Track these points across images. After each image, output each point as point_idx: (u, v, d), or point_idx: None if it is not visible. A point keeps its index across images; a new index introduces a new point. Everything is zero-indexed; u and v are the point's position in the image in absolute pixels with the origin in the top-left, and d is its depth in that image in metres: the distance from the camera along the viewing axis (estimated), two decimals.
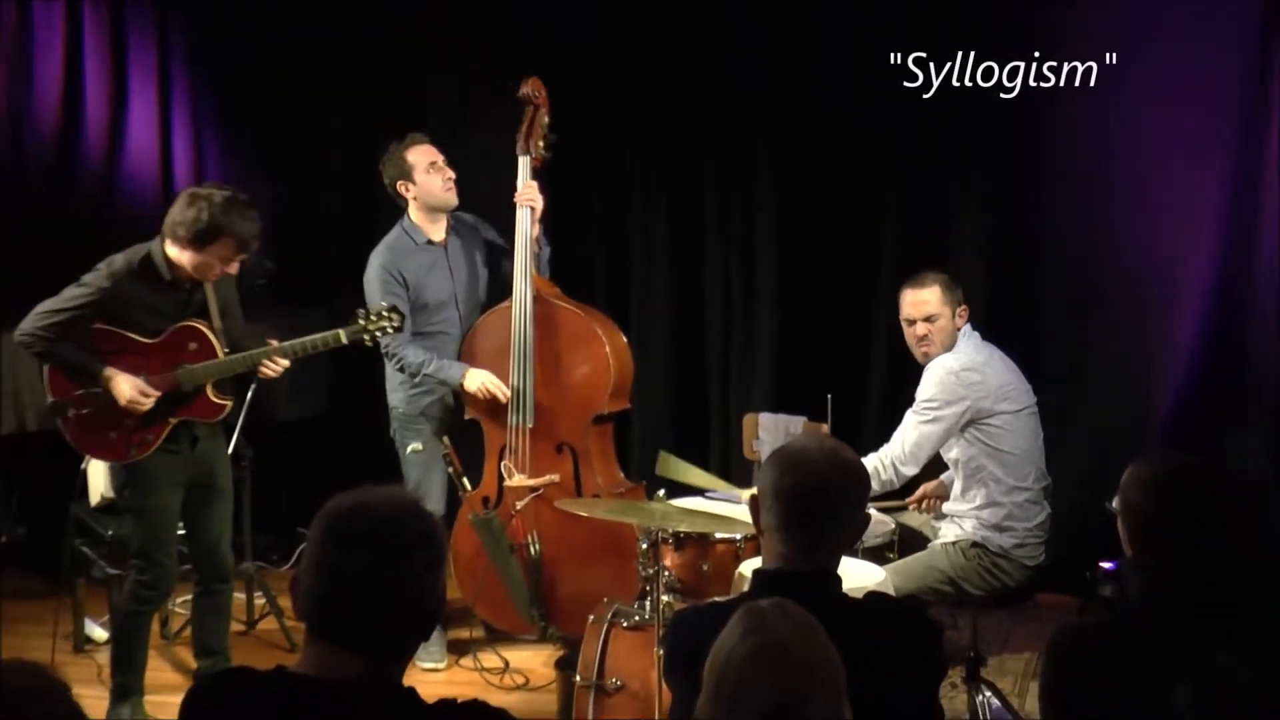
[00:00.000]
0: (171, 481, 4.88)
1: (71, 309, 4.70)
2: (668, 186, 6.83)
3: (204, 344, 4.80)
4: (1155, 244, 6.09)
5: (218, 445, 5.05)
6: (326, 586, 2.23)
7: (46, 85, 7.38)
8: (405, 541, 2.25)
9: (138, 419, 4.76)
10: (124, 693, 4.95)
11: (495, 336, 5.58)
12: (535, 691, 5.39)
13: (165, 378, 4.77)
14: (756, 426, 5.71)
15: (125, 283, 4.72)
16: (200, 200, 4.68)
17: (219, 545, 5.03)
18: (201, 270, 4.74)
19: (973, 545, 4.87)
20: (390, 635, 2.24)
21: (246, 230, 4.70)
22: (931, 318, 4.94)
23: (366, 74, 7.23)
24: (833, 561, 2.85)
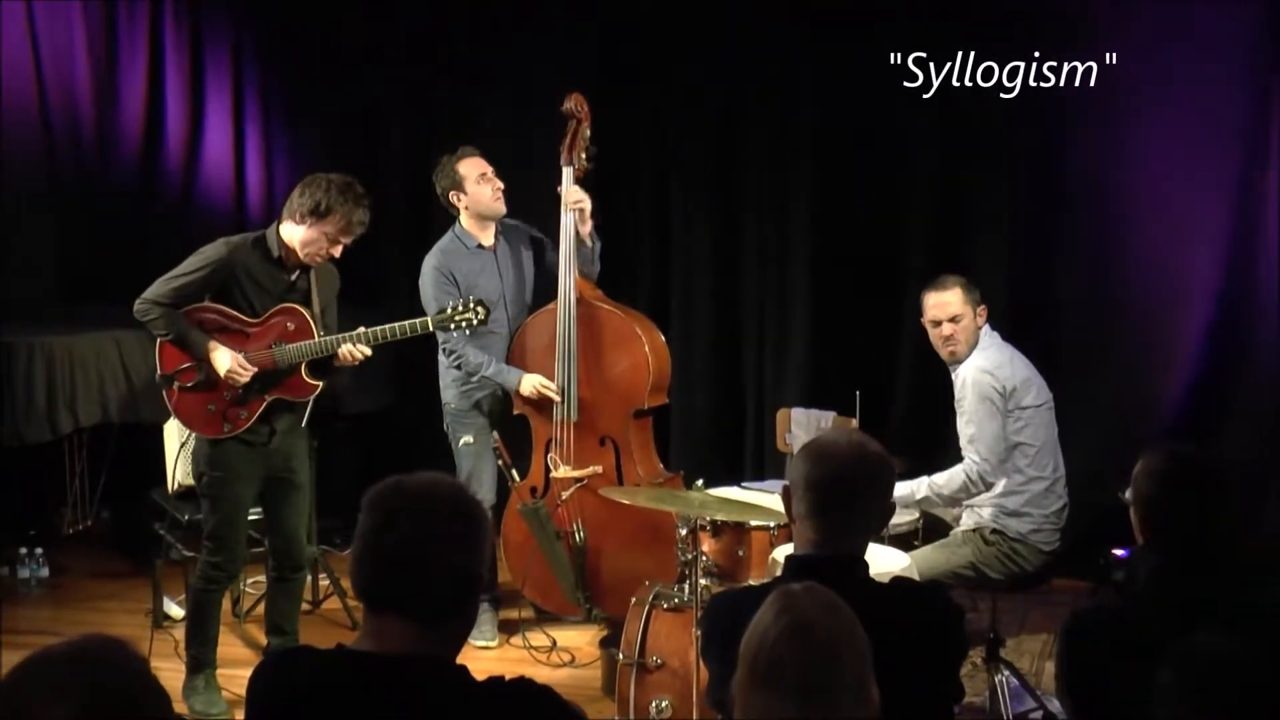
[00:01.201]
0: (248, 473, 4.89)
1: (190, 274, 4.75)
2: (705, 193, 6.81)
3: (301, 325, 4.82)
4: (1162, 246, 6.03)
5: (297, 441, 5.04)
6: (371, 556, 2.26)
7: (131, 103, 7.46)
8: (438, 510, 2.27)
9: (235, 395, 4.79)
10: (198, 665, 4.98)
11: (542, 336, 5.59)
12: (580, 668, 5.38)
13: (263, 355, 4.79)
14: (789, 421, 5.70)
15: (239, 253, 4.77)
16: (320, 180, 4.75)
17: (296, 536, 5.05)
18: (309, 247, 4.75)
19: (992, 531, 4.83)
20: (436, 601, 2.24)
21: (356, 214, 4.73)
22: (956, 318, 4.90)
23: (424, 91, 7.25)
24: (860, 547, 2.84)
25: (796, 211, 6.61)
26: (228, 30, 7.49)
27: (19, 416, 5.98)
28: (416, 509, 2.26)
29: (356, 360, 4.85)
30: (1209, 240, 5.95)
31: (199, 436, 4.92)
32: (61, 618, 6.03)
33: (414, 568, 2.23)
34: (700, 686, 4.03)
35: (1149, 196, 6.03)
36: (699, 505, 4.28)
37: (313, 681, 2.28)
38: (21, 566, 6.47)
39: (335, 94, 7.43)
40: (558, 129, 5.59)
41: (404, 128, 7.34)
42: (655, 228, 6.94)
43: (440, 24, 7.15)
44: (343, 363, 4.85)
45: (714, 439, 6.86)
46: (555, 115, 5.60)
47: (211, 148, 7.53)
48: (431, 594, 2.24)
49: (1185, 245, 5.99)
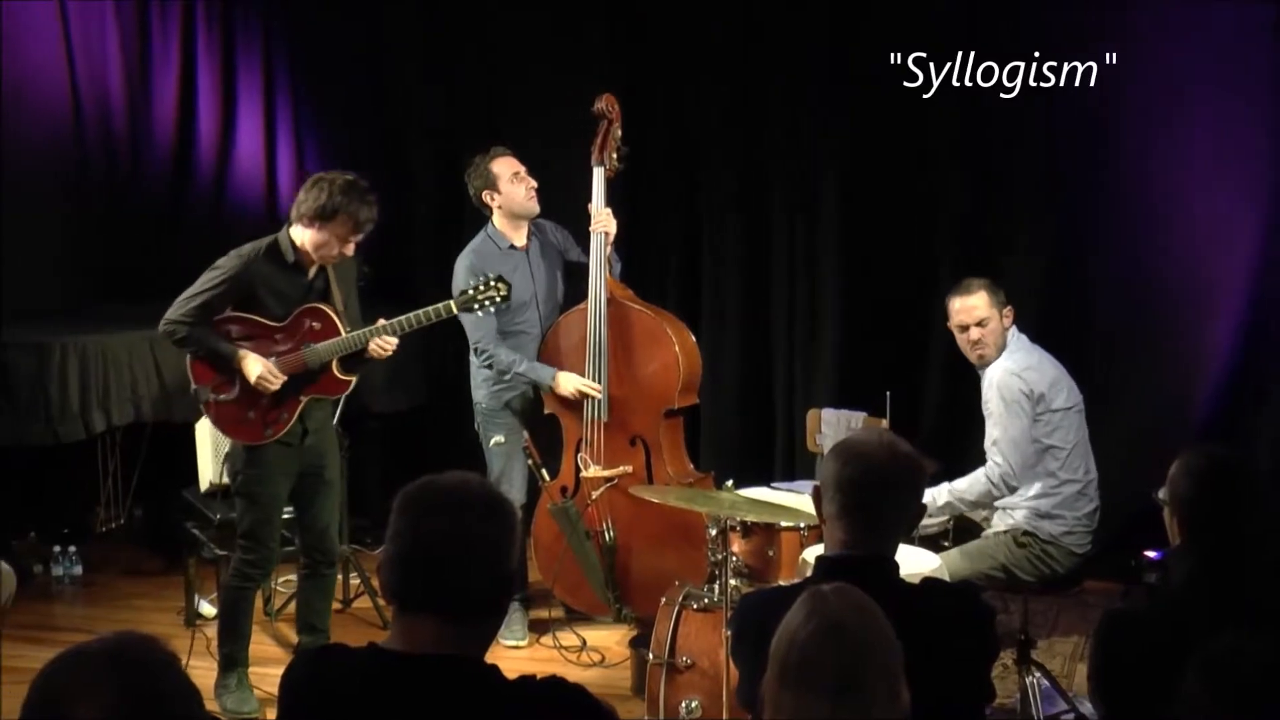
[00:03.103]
0: (284, 471, 4.91)
1: (208, 290, 4.76)
2: (735, 194, 6.79)
3: (327, 323, 4.83)
4: (1193, 247, 6.00)
5: (329, 438, 5.07)
6: (402, 554, 2.26)
7: (163, 103, 7.50)
8: (468, 507, 2.27)
9: (271, 399, 4.80)
10: (231, 663, 4.99)
11: (573, 336, 5.59)
12: (610, 668, 5.38)
13: (294, 357, 4.80)
14: (819, 421, 5.69)
15: (254, 265, 4.77)
16: (323, 182, 4.74)
17: (328, 532, 5.06)
18: (321, 249, 4.76)
19: (1024, 534, 4.81)
20: (464, 599, 2.24)
21: (363, 213, 4.73)
22: (983, 322, 4.89)
23: (454, 92, 7.26)
24: (890, 548, 2.83)
25: (826, 210, 6.59)
26: (259, 31, 7.52)
27: (53, 415, 6.01)
28: (448, 508, 2.27)
29: (386, 353, 4.86)
30: (1239, 241, 5.91)
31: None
32: (94, 615, 6.07)
33: (446, 567, 2.23)
34: (730, 687, 4.02)
35: (1180, 198, 6.00)
36: (729, 505, 4.27)
37: (345, 680, 2.28)
38: (55, 564, 6.52)
39: (366, 95, 7.45)
40: (588, 129, 5.59)
41: (434, 128, 7.35)
42: (685, 227, 6.93)
43: (470, 25, 7.16)
44: (373, 356, 4.86)
45: (744, 439, 6.85)
46: (586, 116, 5.60)
47: (243, 148, 7.56)
48: (463, 593, 2.24)
49: (1216, 246, 5.95)
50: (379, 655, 2.28)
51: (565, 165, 5.89)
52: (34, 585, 6.29)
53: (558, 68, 6.91)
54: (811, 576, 2.83)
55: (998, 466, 4.77)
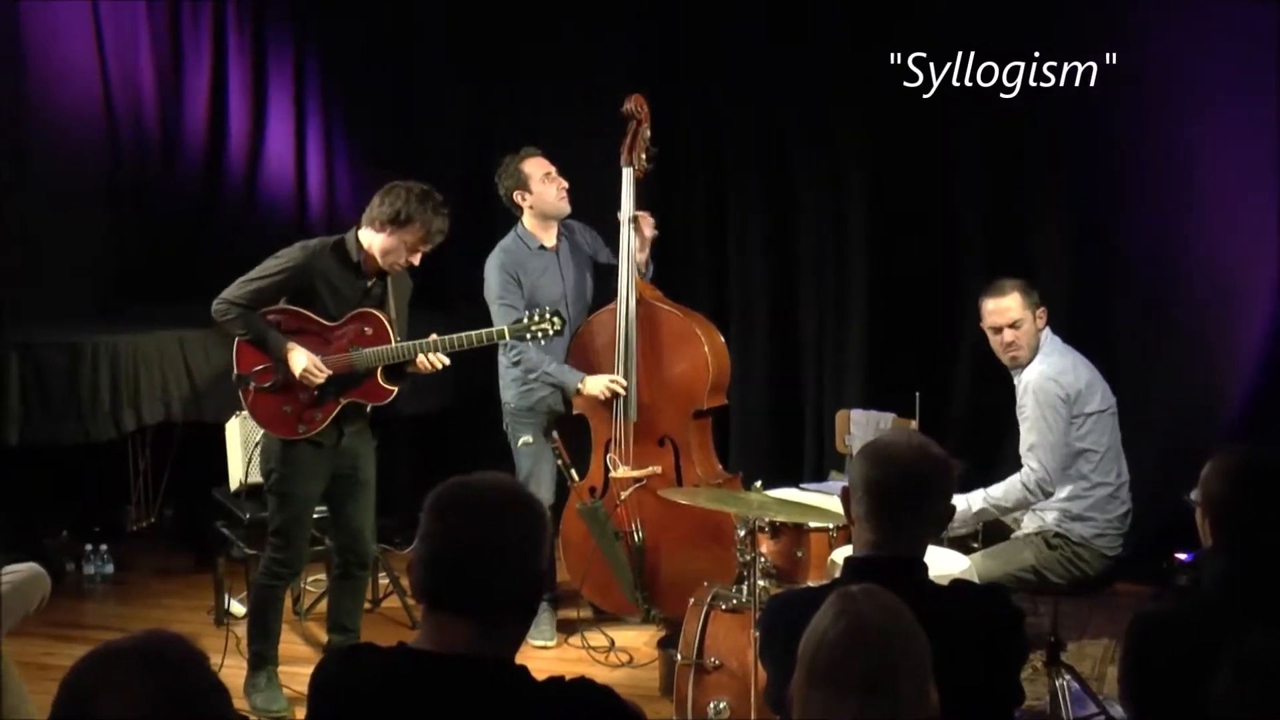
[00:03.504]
0: (317, 472, 4.92)
1: (269, 276, 4.78)
2: (763, 195, 6.79)
3: (379, 330, 4.83)
4: (1222, 247, 5.96)
5: (364, 440, 5.06)
6: (433, 554, 2.26)
7: (194, 104, 7.54)
8: (501, 507, 2.28)
9: (310, 397, 4.81)
10: (260, 662, 5.01)
11: (602, 337, 5.60)
12: (639, 669, 5.38)
13: (340, 358, 4.81)
14: (848, 422, 5.68)
15: (318, 258, 4.79)
16: (400, 189, 4.76)
17: (362, 533, 5.07)
18: (388, 255, 4.78)
19: (1055, 535, 4.79)
20: (495, 599, 2.25)
21: (435, 223, 4.75)
22: (1016, 323, 4.85)
23: (484, 92, 7.28)
24: (919, 549, 2.82)
25: (855, 210, 6.58)
26: (290, 33, 7.55)
27: (84, 415, 6.05)
28: (479, 509, 2.27)
29: (436, 369, 4.86)
30: (1269, 240, 5.87)
31: (270, 435, 4.95)
32: (125, 614, 6.10)
33: (476, 567, 2.24)
34: (758, 688, 4.02)
35: (1209, 198, 5.97)
36: (758, 506, 4.27)
37: (374, 679, 2.29)
38: (87, 563, 6.56)
39: (396, 96, 7.47)
40: (617, 130, 5.59)
41: (464, 129, 7.37)
42: (713, 227, 6.93)
43: (499, 26, 7.17)
44: (419, 370, 4.86)
45: (773, 440, 6.85)
46: (615, 116, 5.60)
47: (273, 149, 7.60)
48: (493, 593, 2.24)
49: (1245, 246, 5.91)
50: (408, 655, 2.28)
51: (594, 166, 5.89)
52: (66, 584, 6.32)
53: (587, 68, 6.91)
54: (840, 577, 2.83)
55: (1034, 472, 4.74)
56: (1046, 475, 4.73)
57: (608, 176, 5.63)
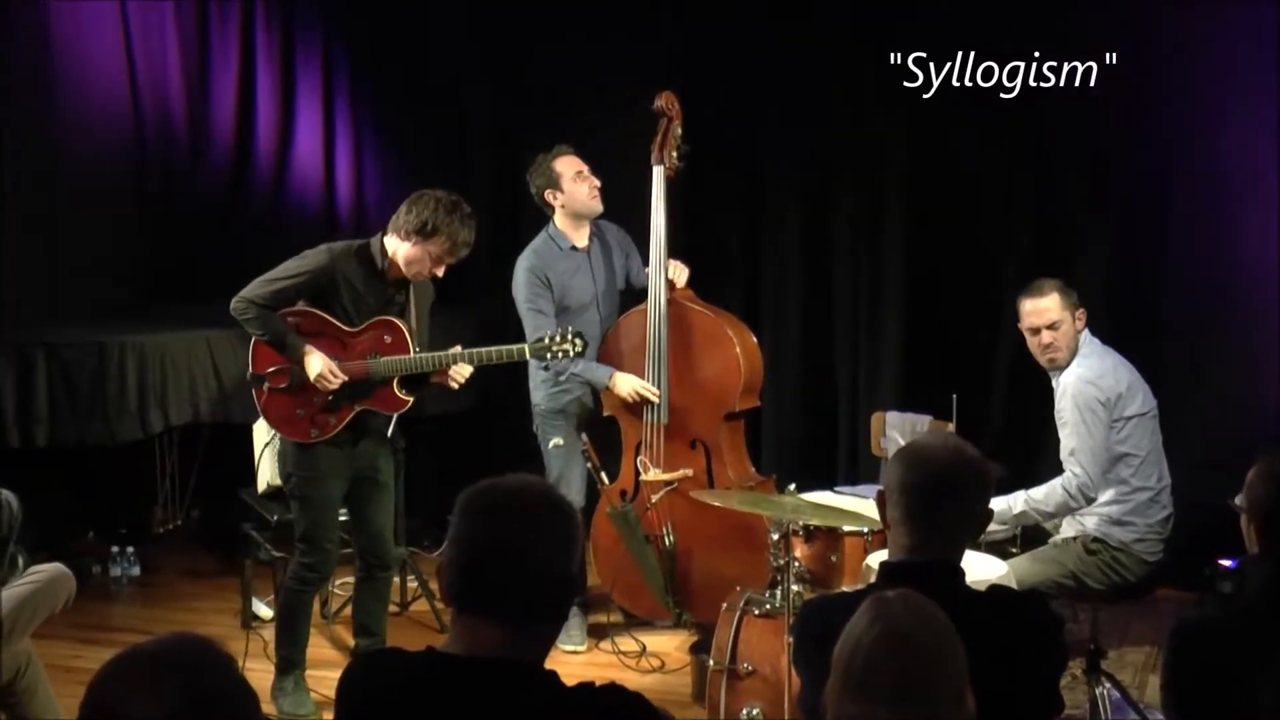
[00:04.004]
0: (336, 474, 4.92)
1: (290, 277, 4.78)
2: (797, 193, 6.78)
3: (398, 339, 4.83)
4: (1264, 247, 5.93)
5: (381, 442, 5.07)
6: (464, 557, 2.26)
7: (222, 105, 7.59)
8: (532, 510, 2.27)
9: (324, 401, 4.81)
10: (288, 666, 5.03)
11: (632, 338, 5.59)
12: (670, 674, 5.38)
13: (357, 365, 4.81)
14: (884, 424, 5.67)
15: (342, 262, 4.79)
16: (428, 198, 4.75)
17: (383, 535, 5.08)
18: (413, 265, 4.77)
19: (1094, 540, 4.76)
20: (526, 602, 2.24)
21: (462, 235, 4.74)
22: (1054, 324, 4.83)
23: (515, 90, 7.28)
24: (956, 554, 2.81)
25: (890, 208, 6.58)
26: (318, 33, 7.59)
27: (110, 415, 6.08)
28: (511, 511, 2.27)
29: (459, 382, 4.87)
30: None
31: (285, 438, 4.97)
32: (152, 616, 6.13)
33: (507, 569, 2.23)
34: (792, 694, 4.01)
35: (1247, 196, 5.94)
36: (791, 510, 4.26)
37: (402, 683, 2.29)
38: (113, 565, 6.60)
39: (424, 95, 7.49)
40: (648, 127, 5.58)
41: (493, 128, 7.38)
42: (746, 226, 6.93)
43: (529, 22, 7.18)
44: (443, 382, 4.86)
45: (807, 442, 6.84)
46: (646, 113, 5.59)
47: (301, 148, 7.63)
48: (524, 596, 2.24)
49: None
50: (436, 659, 2.28)
51: (625, 164, 5.89)
52: (92, 586, 6.36)
53: (618, 65, 6.92)
54: (875, 582, 2.82)
55: (1075, 477, 4.71)
56: (1089, 481, 4.70)
57: (638, 175, 5.62)
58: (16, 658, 4.28)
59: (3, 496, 5.06)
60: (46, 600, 4.34)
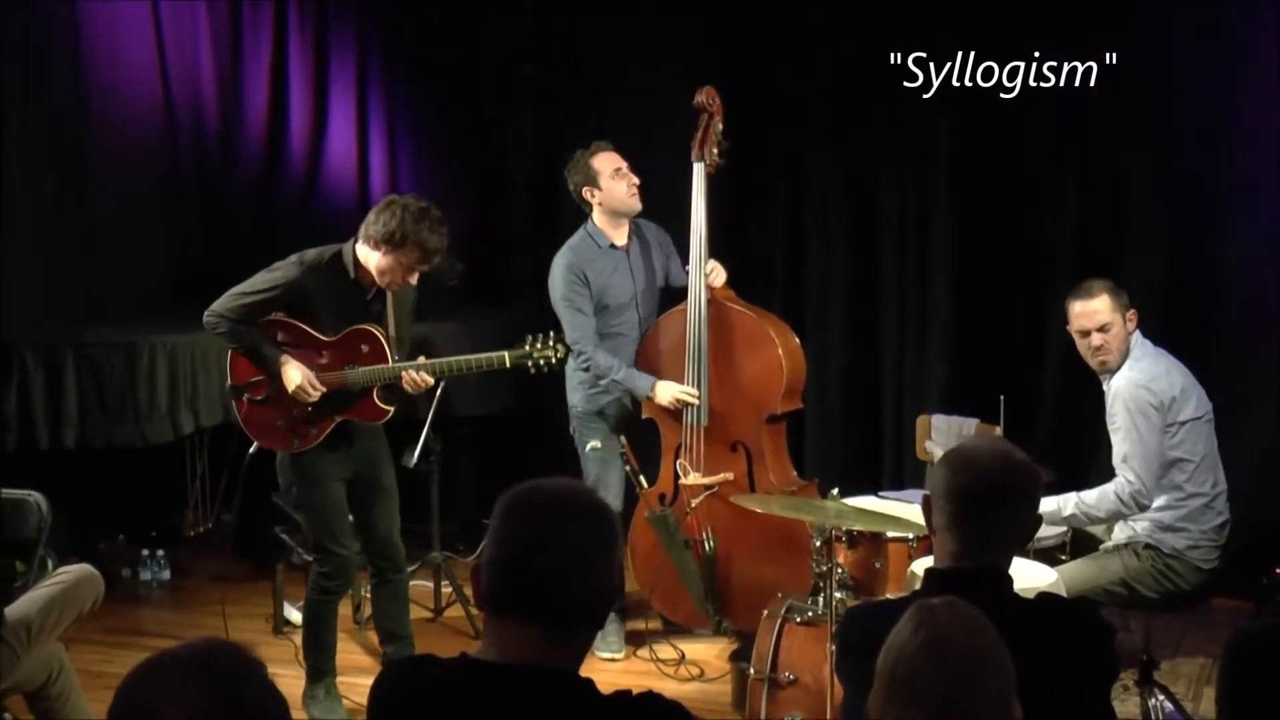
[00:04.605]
0: (334, 476, 4.93)
1: (260, 292, 4.79)
2: (842, 190, 6.76)
3: (376, 348, 4.83)
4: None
5: (379, 443, 5.07)
6: (502, 557, 2.26)
7: (255, 97, 7.63)
8: (574, 513, 2.28)
9: (304, 412, 4.82)
10: (317, 674, 5.05)
11: (671, 339, 5.58)
12: (709, 683, 5.38)
13: (336, 375, 4.81)
14: (929, 428, 5.65)
15: (313, 274, 4.79)
16: (396, 206, 4.73)
17: (390, 537, 5.08)
18: (386, 274, 4.77)
19: (1146, 547, 4.72)
20: (563, 607, 2.24)
21: (432, 242, 4.71)
22: (1105, 327, 4.78)
23: (553, 86, 7.30)
24: (1004, 561, 2.80)
25: (937, 206, 6.55)
26: (352, 27, 7.62)
27: (141, 416, 6.13)
28: (551, 514, 2.27)
29: (420, 388, 4.84)
30: None
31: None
32: (182, 621, 6.17)
33: (545, 574, 2.24)
34: (834, 703, 4.00)
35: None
36: (834, 515, 4.25)
37: (435, 691, 2.30)
38: (143, 568, 6.65)
39: (461, 89, 7.50)
40: (688, 124, 5.58)
41: (530, 123, 7.39)
42: (789, 224, 6.91)
43: (568, 17, 7.19)
44: (405, 388, 4.84)
45: (850, 446, 6.82)
46: (686, 109, 5.59)
47: (335, 145, 7.67)
48: (560, 600, 2.24)
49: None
50: (470, 666, 2.29)
51: (664, 161, 5.89)
52: (121, 590, 6.42)
53: (658, 60, 6.91)
54: (920, 589, 2.81)
55: (1129, 484, 4.67)
56: (1143, 488, 4.66)
57: (678, 172, 5.62)
58: (49, 663, 4.32)
59: (32, 499, 5.12)
60: (74, 601, 4.37)
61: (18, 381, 6.08)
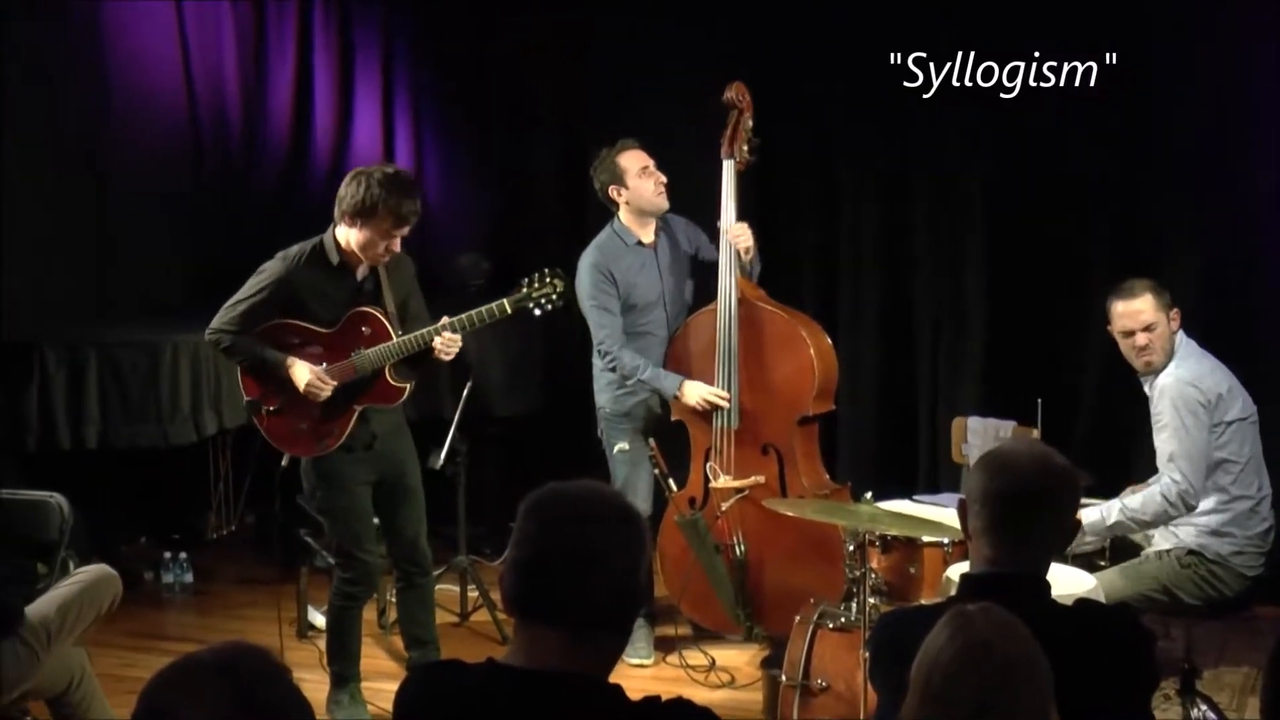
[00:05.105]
0: (358, 480, 4.94)
1: (250, 297, 4.81)
2: (874, 188, 6.75)
3: (377, 328, 4.83)
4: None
5: (404, 443, 5.08)
6: (527, 563, 2.27)
7: (279, 94, 7.67)
8: (595, 515, 2.28)
9: (323, 410, 4.82)
10: (341, 680, 5.06)
11: (701, 339, 5.58)
12: (740, 690, 5.37)
13: (344, 365, 4.81)
14: (965, 430, 5.64)
15: (299, 269, 4.80)
16: (361, 176, 4.72)
17: (417, 540, 5.09)
18: (366, 249, 4.75)
19: (1189, 553, 4.70)
20: (590, 612, 2.24)
21: (404, 207, 4.69)
22: (1149, 326, 4.77)
23: (580, 83, 7.30)
24: (1041, 566, 2.79)
25: (971, 204, 6.53)
26: (377, 25, 7.65)
27: (163, 417, 6.15)
28: (576, 517, 2.27)
29: (451, 352, 4.83)
30: None
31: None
32: (205, 624, 6.20)
33: (571, 578, 2.24)
34: (868, 711, 3.99)
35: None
36: (868, 519, 4.24)
37: (461, 697, 2.30)
38: (165, 571, 6.67)
39: (487, 86, 7.52)
40: (717, 120, 5.58)
41: (556, 121, 7.40)
42: (820, 222, 6.90)
43: (591, 13, 7.20)
44: (439, 357, 4.83)
45: (884, 449, 6.81)
46: (715, 105, 5.59)
47: (360, 144, 7.70)
48: (588, 607, 2.24)
49: None
50: (497, 671, 2.29)
51: (694, 158, 5.89)
52: (143, 593, 6.45)
53: (686, 54, 6.91)
54: (955, 595, 2.81)
55: (1176, 484, 4.65)
56: (1190, 487, 4.63)
57: (708, 170, 5.62)
58: (70, 669, 4.35)
59: (53, 500, 5.15)
60: (92, 601, 4.39)
61: (39, 381, 6.11)
